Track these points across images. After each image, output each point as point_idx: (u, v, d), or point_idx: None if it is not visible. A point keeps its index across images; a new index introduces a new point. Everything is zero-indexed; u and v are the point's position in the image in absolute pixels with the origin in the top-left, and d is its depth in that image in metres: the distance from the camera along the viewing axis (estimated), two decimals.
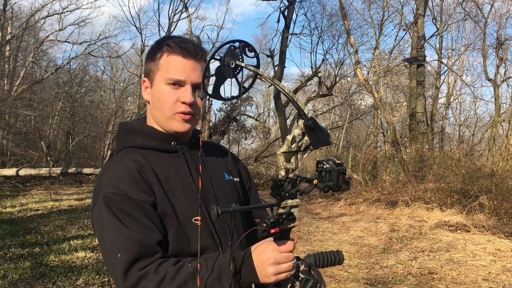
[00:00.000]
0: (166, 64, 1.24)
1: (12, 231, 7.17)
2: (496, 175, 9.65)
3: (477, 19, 16.48)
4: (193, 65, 1.24)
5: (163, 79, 1.24)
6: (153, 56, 1.27)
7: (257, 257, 1.09)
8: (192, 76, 1.23)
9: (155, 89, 1.26)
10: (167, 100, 1.23)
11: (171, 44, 1.24)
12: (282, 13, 16.73)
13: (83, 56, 23.53)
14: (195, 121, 1.29)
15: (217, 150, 1.48)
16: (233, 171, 1.44)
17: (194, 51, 1.24)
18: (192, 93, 1.23)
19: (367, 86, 14.79)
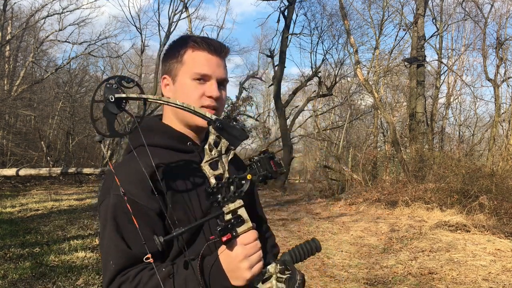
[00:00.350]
0: (191, 60, 1.24)
1: (12, 231, 7.17)
2: (496, 175, 9.65)
3: (477, 19, 16.48)
4: (218, 62, 1.26)
5: (189, 74, 1.24)
6: (175, 53, 1.27)
7: (225, 259, 1.05)
8: (217, 72, 1.25)
9: (179, 85, 1.26)
10: (193, 94, 1.23)
11: (197, 40, 1.26)
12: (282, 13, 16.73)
13: (83, 56, 23.54)
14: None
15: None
16: (244, 171, 1.42)
17: (219, 47, 1.26)
18: (217, 88, 1.25)
19: (367, 86, 14.80)
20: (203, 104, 1.23)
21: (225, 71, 1.28)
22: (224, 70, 1.28)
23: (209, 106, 1.23)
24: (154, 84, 19.25)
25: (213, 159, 1.05)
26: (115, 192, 1.13)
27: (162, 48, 19.31)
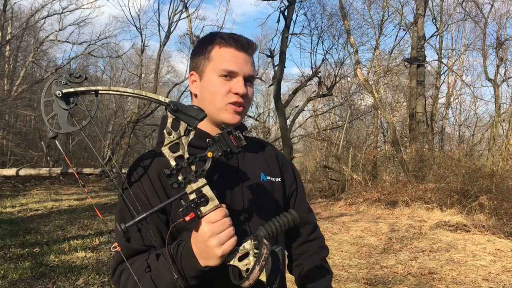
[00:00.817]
0: (218, 56, 1.24)
1: (12, 231, 7.17)
2: (496, 175, 9.65)
3: (477, 19, 16.47)
4: (245, 58, 1.25)
5: (215, 70, 1.24)
6: (203, 49, 1.28)
7: (194, 240, 1.04)
8: (244, 68, 1.24)
9: (206, 81, 1.26)
10: (219, 91, 1.23)
11: (224, 36, 1.26)
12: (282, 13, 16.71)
13: (83, 56, 23.54)
14: (244, 114, 1.29)
15: (259, 147, 1.42)
16: (275, 170, 1.39)
17: (246, 44, 1.25)
18: (244, 85, 1.24)
19: (367, 86, 14.79)
20: (230, 101, 1.23)
21: (252, 68, 1.27)
22: (252, 67, 1.27)
23: (235, 102, 1.23)
24: (154, 84, 19.24)
25: (172, 142, 1.04)
26: (126, 186, 1.18)
27: (162, 48, 19.30)
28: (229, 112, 1.24)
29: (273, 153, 1.43)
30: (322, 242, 1.53)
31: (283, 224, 1.06)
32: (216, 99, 1.24)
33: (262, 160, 1.37)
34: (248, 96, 1.26)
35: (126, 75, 28.67)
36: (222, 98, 1.23)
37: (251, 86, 1.29)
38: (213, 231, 1.00)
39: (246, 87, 1.26)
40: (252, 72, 1.27)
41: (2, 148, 18.66)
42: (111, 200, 11.56)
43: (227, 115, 1.24)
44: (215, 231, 1.00)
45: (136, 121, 18.59)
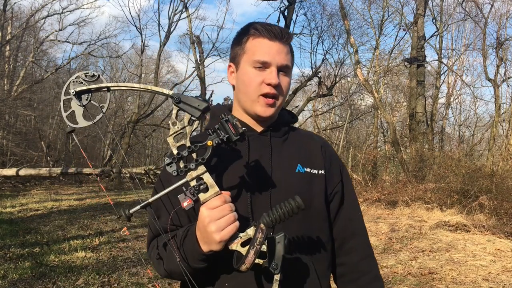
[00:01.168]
0: (252, 47, 1.25)
1: (12, 231, 7.17)
2: (496, 175, 9.65)
3: (477, 19, 16.47)
4: (279, 48, 1.24)
5: (249, 61, 1.25)
6: (239, 41, 1.29)
7: (197, 226, 1.08)
8: (277, 59, 1.23)
9: (241, 72, 1.28)
10: (252, 82, 1.24)
11: (257, 27, 1.26)
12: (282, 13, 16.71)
13: (83, 56, 23.54)
14: (279, 105, 1.28)
15: (303, 138, 1.38)
16: (317, 163, 1.33)
17: (280, 33, 1.24)
18: (277, 75, 1.23)
19: (367, 86, 14.79)
20: (262, 92, 1.23)
21: (287, 57, 1.26)
22: (287, 56, 1.26)
23: (268, 93, 1.23)
24: (154, 84, 19.22)
25: (176, 132, 1.07)
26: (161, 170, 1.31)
27: (162, 48, 19.31)
28: (261, 105, 1.24)
29: (319, 145, 1.37)
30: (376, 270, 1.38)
31: (287, 211, 1.05)
32: (249, 90, 1.25)
33: (303, 152, 1.33)
34: (282, 86, 1.25)
35: (126, 75, 28.64)
36: (255, 89, 1.24)
37: (287, 75, 1.27)
38: (212, 217, 1.03)
39: (281, 77, 1.25)
40: (287, 61, 1.25)
41: (2, 148, 18.67)
42: (111, 200, 11.57)
43: (259, 107, 1.25)
44: (214, 217, 1.03)
45: (136, 121, 18.59)
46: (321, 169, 1.32)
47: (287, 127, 1.36)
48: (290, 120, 1.38)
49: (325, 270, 1.29)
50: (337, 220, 1.35)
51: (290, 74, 1.30)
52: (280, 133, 1.33)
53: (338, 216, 1.35)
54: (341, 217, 1.35)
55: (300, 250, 1.23)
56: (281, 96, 1.26)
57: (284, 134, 1.34)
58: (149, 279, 4.77)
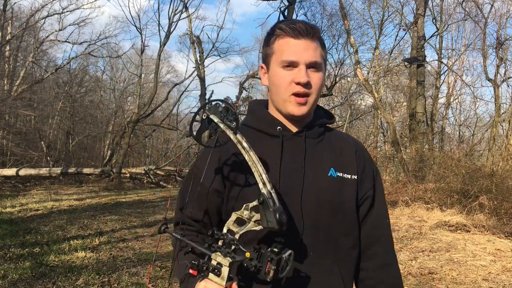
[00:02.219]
0: (279, 47, 1.25)
1: (12, 231, 7.17)
2: (496, 175, 9.64)
3: (477, 19, 16.47)
4: (306, 45, 1.23)
5: (277, 62, 1.25)
6: (267, 42, 1.29)
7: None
8: (305, 56, 1.22)
9: (271, 74, 1.28)
10: (282, 82, 1.24)
11: (282, 26, 1.25)
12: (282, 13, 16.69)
13: (83, 56, 23.52)
14: (312, 103, 1.27)
15: (338, 140, 1.36)
16: (350, 167, 1.31)
17: (305, 30, 1.23)
18: (306, 73, 1.22)
19: (367, 86, 14.79)
20: (293, 91, 1.23)
21: (316, 53, 1.24)
22: (315, 52, 1.24)
23: (298, 92, 1.23)
24: (154, 84, 19.22)
25: (241, 218, 1.10)
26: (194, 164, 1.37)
27: (162, 48, 19.30)
28: (293, 104, 1.24)
29: (354, 149, 1.35)
30: (395, 280, 1.45)
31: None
32: (280, 90, 1.25)
33: (337, 155, 1.31)
34: (312, 83, 1.24)
35: (126, 75, 28.66)
36: (286, 89, 1.24)
37: (318, 71, 1.25)
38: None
39: (311, 73, 1.23)
40: (315, 57, 1.23)
41: (2, 148, 18.67)
42: (111, 200, 11.57)
43: (292, 107, 1.25)
44: None
45: (136, 121, 18.58)
46: (354, 174, 1.30)
47: (323, 128, 1.35)
48: (326, 122, 1.36)
49: (350, 274, 1.30)
50: (364, 224, 1.34)
51: (323, 69, 1.28)
52: (315, 134, 1.32)
53: (365, 221, 1.34)
54: (368, 222, 1.34)
55: (327, 253, 1.23)
56: (314, 94, 1.25)
57: (319, 136, 1.33)
58: (149, 279, 4.77)
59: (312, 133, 1.31)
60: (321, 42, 1.27)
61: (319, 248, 1.22)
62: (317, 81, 1.25)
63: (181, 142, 25.25)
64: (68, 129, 22.73)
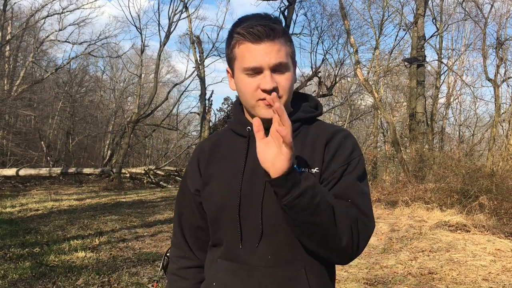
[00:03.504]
0: (240, 53, 1.18)
1: (12, 231, 7.17)
2: (496, 175, 9.64)
3: (477, 19, 16.48)
4: (267, 48, 1.15)
5: (240, 69, 1.19)
6: (228, 45, 1.23)
7: None
8: (267, 60, 1.14)
9: (236, 80, 1.22)
10: (247, 89, 1.18)
11: (239, 31, 1.17)
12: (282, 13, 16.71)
13: (83, 56, 23.53)
14: (283, 104, 1.18)
15: (314, 134, 1.25)
16: (317, 159, 1.20)
17: (264, 32, 1.15)
18: (271, 79, 1.15)
19: (367, 86, 14.79)
20: (260, 98, 1.17)
21: (279, 54, 1.15)
22: (279, 53, 1.15)
23: (265, 98, 1.16)
24: (154, 84, 19.23)
25: None
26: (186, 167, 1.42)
27: (162, 48, 19.30)
28: (263, 108, 1.17)
29: (325, 139, 1.22)
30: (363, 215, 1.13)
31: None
32: (246, 97, 1.20)
33: (307, 150, 1.21)
34: (280, 86, 1.17)
35: (126, 75, 28.66)
36: (252, 96, 1.18)
37: (285, 71, 1.18)
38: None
39: (277, 76, 1.16)
40: (279, 59, 1.15)
41: (2, 148, 18.67)
42: (111, 200, 11.57)
43: (262, 110, 1.18)
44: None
45: (136, 121, 18.58)
46: (318, 166, 1.19)
47: (299, 123, 1.26)
48: (302, 117, 1.27)
49: (322, 276, 1.20)
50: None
51: (290, 67, 1.20)
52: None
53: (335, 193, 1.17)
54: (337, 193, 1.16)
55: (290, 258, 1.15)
56: (284, 96, 1.18)
57: (293, 132, 1.20)
58: (149, 279, 4.77)
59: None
60: (285, 38, 1.19)
61: (281, 252, 1.14)
62: (285, 82, 1.18)
63: (181, 142, 25.26)
64: (68, 129, 22.74)
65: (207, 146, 1.33)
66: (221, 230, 1.21)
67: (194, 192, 1.28)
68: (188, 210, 1.33)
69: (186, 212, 1.33)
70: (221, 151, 1.28)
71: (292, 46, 1.23)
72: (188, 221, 1.34)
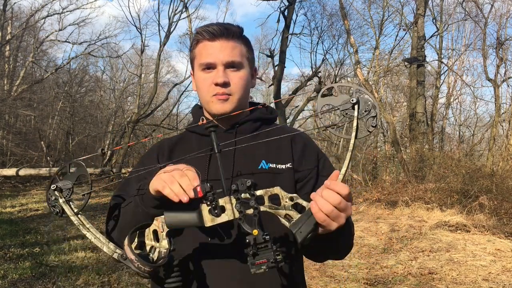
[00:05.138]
0: (198, 51, 1.27)
1: (12, 231, 7.17)
2: (496, 175, 9.65)
3: (477, 19, 16.47)
4: (221, 45, 1.24)
5: (197, 66, 1.28)
6: (190, 47, 1.33)
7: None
8: (221, 57, 1.23)
9: (195, 78, 1.31)
10: (203, 85, 1.26)
11: (199, 30, 1.27)
12: (282, 13, 16.71)
13: (83, 56, 23.51)
14: (236, 101, 1.25)
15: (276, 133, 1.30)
16: (284, 157, 1.27)
17: (219, 31, 1.24)
18: (224, 73, 1.23)
19: (367, 86, 14.79)
20: (213, 93, 1.25)
21: (233, 52, 1.24)
22: (233, 52, 1.24)
23: (218, 93, 1.24)
24: (154, 84, 19.23)
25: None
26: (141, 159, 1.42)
27: (162, 48, 19.29)
28: (215, 103, 1.25)
29: (289, 138, 1.30)
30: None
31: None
32: (202, 93, 1.28)
33: (271, 147, 1.27)
34: (232, 83, 1.24)
35: (126, 75, 28.64)
36: (207, 91, 1.25)
37: (237, 70, 1.25)
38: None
39: (230, 73, 1.24)
40: (232, 57, 1.23)
41: (2, 148, 18.67)
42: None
43: (215, 106, 1.26)
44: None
45: (136, 121, 18.59)
46: (289, 162, 1.27)
47: (259, 123, 1.34)
48: (262, 117, 1.34)
49: (297, 265, 1.26)
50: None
51: (245, 67, 1.27)
52: (248, 129, 1.31)
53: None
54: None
55: None
56: (236, 93, 1.25)
57: (254, 131, 1.30)
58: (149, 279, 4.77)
59: (244, 129, 1.31)
60: (242, 41, 1.28)
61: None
62: (238, 80, 1.25)
63: None
64: (68, 129, 22.73)
65: (167, 144, 1.36)
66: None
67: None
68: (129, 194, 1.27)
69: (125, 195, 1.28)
70: (183, 148, 1.30)
71: (250, 52, 1.31)
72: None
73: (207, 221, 1.00)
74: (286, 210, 0.99)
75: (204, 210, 1.00)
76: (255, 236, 0.95)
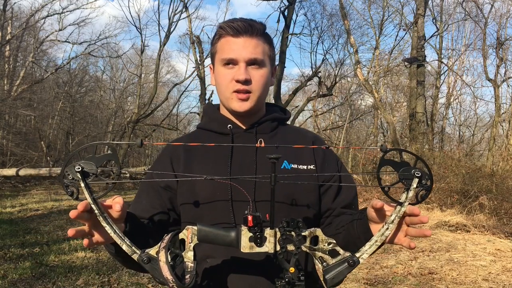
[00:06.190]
0: (220, 46, 1.27)
1: (12, 231, 7.17)
2: (496, 175, 9.65)
3: (477, 19, 16.49)
4: (244, 42, 1.23)
5: (219, 61, 1.27)
6: (212, 42, 1.32)
7: None
8: (244, 53, 1.23)
9: (215, 72, 1.30)
10: (224, 80, 1.26)
11: (222, 26, 1.27)
12: (282, 13, 16.72)
13: (83, 56, 23.53)
14: (256, 99, 1.26)
15: (295, 135, 1.36)
16: (306, 158, 1.30)
17: (243, 27, 1.23)
18: (246, 71, 1.23)
19: (367, 86, 14.80)
20: (234, 89, 1.24)
21: (256, 50, 1.24)
22: (256, 49, 1.24)
23: (239, 90, 1.24)
24: (154, 84, 19.24)
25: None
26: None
27: (162, 48, 19.31)
28: (235, 101, 1.25)
29: (311, 141, 1.34)
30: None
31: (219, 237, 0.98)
32: (222, 88, 1.27)
33: (291, 148, 1.27)
34: (254, 80, 1.24)
35: (126, 75, 28.65)
36: (227, 86, 1.25)
37: (260, 68, 1.25)
38: None
39: (251, 70, 1.24)
40: (255, 54, 1.23)
41: (2, 148, 18.67)
42: None
43: (234, 103, 1.26)
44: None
45: (136, 121, 18.59)
46: (311, 164, 1.29)
47: (276, 123, 1.35)
48: (279, 117, 1.36)
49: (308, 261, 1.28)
50: (333, 206, 1.31)
51: (266, 65, 1.27)
52: (267, 129, 1.32)
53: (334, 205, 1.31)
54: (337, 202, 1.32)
55: None
56: (257, 90, 1.25)
57: (272, 130, 1.33)
58: (149, 279, 4.77)
59: (263, 128, 1.31)
60: (265, 38, 1.27)
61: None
62: (259, 78, 1.25)
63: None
64: (68, 129, 22.75)
65: (179, 146, 1.34)
66: (206, 218, 1.21)
67: (164, 187, 1.27)
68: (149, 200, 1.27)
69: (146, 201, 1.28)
70: (200, 147, 1.28)
71: (272, 50, 1.31)
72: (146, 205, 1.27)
73: (245, 247, 0.96)
74: (321, 253, 1.00)
75: (244, 235, 0.96)
76: (291, 274, 0.95)
